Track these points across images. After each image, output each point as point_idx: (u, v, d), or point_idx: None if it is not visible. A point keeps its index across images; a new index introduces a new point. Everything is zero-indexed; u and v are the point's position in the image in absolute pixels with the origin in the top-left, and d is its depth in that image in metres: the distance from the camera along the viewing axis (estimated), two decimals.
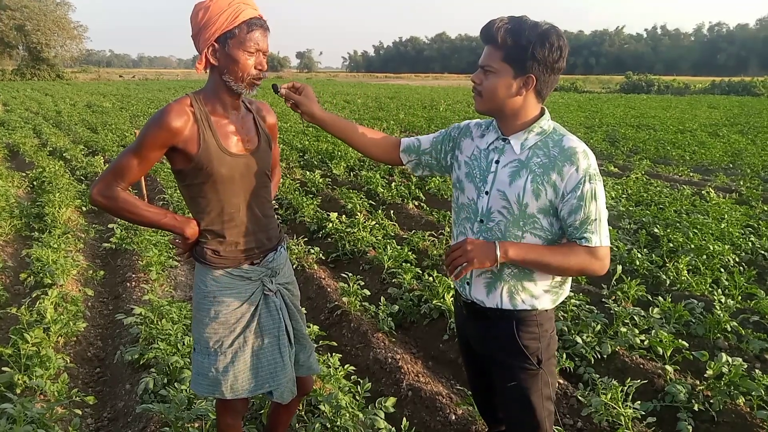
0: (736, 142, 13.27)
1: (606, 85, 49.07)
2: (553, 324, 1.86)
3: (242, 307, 1.95)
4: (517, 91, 1.67)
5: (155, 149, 1.79)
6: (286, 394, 2.04)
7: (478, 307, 1.83)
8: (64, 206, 6.55)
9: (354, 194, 7.12)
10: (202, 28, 1.76)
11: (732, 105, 26.84)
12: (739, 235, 5.67)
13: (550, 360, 1.84)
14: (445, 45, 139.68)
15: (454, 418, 2.91)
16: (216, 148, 1.82)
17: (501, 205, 1.73)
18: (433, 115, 19.38)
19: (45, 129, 13.83)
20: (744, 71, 75.44)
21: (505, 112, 1.73)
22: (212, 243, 1.92)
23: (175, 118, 1.76)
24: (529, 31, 1.60)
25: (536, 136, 1.72)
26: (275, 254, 2.05)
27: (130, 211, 1.83)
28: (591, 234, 1.65)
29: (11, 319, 3.97)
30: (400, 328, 4.11)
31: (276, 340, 2.01)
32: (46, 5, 54.74)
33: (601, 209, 1.66)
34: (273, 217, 2.08)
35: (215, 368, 1.94)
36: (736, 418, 2.84)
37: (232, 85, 1.82)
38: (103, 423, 3.07)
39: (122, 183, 1.81)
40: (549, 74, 1.66)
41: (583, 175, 1.63)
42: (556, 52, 1.62)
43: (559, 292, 1.81)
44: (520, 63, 1.62)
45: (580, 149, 1.66)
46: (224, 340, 1.94)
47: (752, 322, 3.87)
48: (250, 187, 1.92)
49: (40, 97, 27.21)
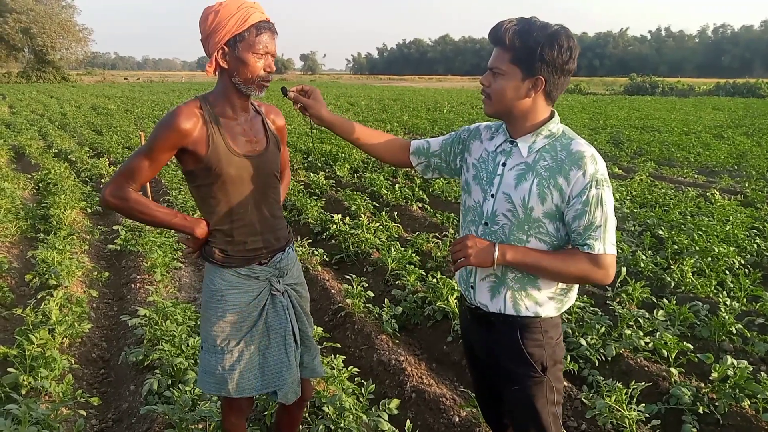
0: (740, 143, 13.23)
1: (610, 87, 49.02)
2: (559, 331, 1.82)
3: (249, 306, 1.97)
4: (525, 93, 1.64)
5: (165, 151, 1.82)
6: (290, 394, 2.04)
7: (482, 312, 1.81)
8: (70, 208, 6.58)
9: (358, 196, 7.14)
10: (211, 32, 1.78)
11: (737, 107, 26.76)
12: (744, 237, 5.65)
13: (556, 366, 1.80)
14: (448, 47, 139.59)
15: (458, 420, 2.91)
16: (224, 149, 1.85)
17: (506, 209, 1.70)
18: (436, 117, 19.40)
19: (50, 131, 13.90)
20: (749, 73, 75.34)
21: (514, 115, 1.70)
22: (221, 242, 1.95)
23: (184, 120, 1.79)
24: (537, 33, 1.57)
25: (544, 139, 1.69)
26: (283, 255, 2.06)
27: (141, 212, 1.86)
28: (594, 241, 1.61)
29: (17, 320, 3.98)
30: (404, 330, 4.11)
31: (282, 339, 2.02)
32: (52, 8, 55.16)
33: (607, 216, 1.61)
34: (282, 218, 2.09)
35: (222, 366, 1.96)
36: (741, 421, 2.82)
37: (242, 87, 1.84)
38: (108, 424, 3.07)
39: (133, 184, 1.84)
40: (558, 76, 1.62)
41: (589, 180, 1.59)
42: (566, 53, 1.58)
43: (564, 300, 1.77)
44: (529, 65, 1.60)
45: (588, 153, 1.62)
46: (231, 338, 1.96)
47: (757, 325, 3.86)
48: (258, 187, 1.94)
49: (45, 99, 27.35)
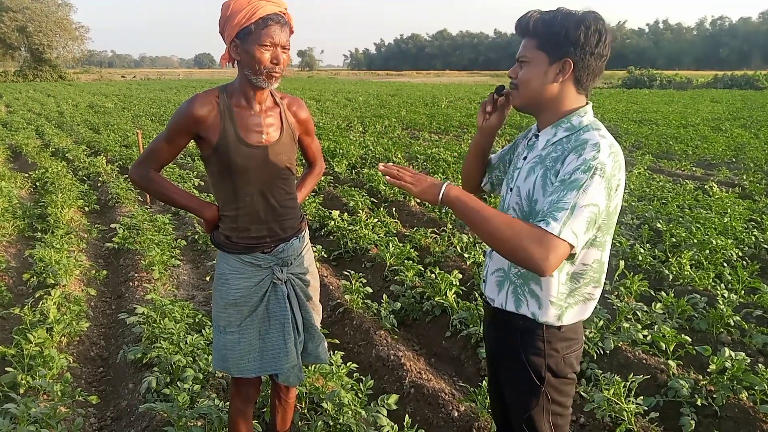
0: (738, 136, 13.23)
1: (608, 81, 48.84)
2: (570, 346, 1.67)
3: (251, 291, 2.05)
4: (553, 78, 1.54)
5: (181, 135, 1.96)
6: (292, 378, 2.15)
7: (492, 307, 1.78)
8: (67, 207, 6.58)
9: (356, 192, 7.13)
10: (224, 26, 1.88)
11: (735, 99, 26.74)
12: (742, 229, 5.66)
13: (559, 380, 1.67)
14: (446, 42, 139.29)
15: (456, 415, 2.91)
16: (234, 138, 1.93)
17: (515, 201, 1.66)
18: (434, 112, 19.39)
19: (47, 130, 13.88)
20: (747, 65, 75.24)
21: (541, 105, 1.60)
22: (227, 228, 2.05)
23: (199, 107, 1.90)
24: (562, 18, 1.51)
25: (564, 131, 1.57)
26: (286, 245, 2.10)
27: (161, 192, 2.03)
28: (552, 219, 1.41)
29: (14, 319, 3.98)
30: (403, 326, 4.11)
31: (281, 327, 2.10)
32: (48, 6, 54.86)
33: (580, 204, 1.42)
34: (293, 209, 2.13)
35: (224, 346, 2.08)
36: (739, 412, 2.83)
37: (252, 78, 1.91)
38: (107, 422, 3.08)
39: (155, 165, 2.00)
40: (588, 59, 1.51)
41: (581, 164, 1.45)
42: (594, 35, 1.49)
43: (563, 306, 1.62)
44: (555, 47, 1.51)
45: (593, 141, 1.49)
46: (232, 320, 2.06)
47: (755, 317, 3.86)
48: (265, 177, 2.00)
49: (42, 98, 27.28)
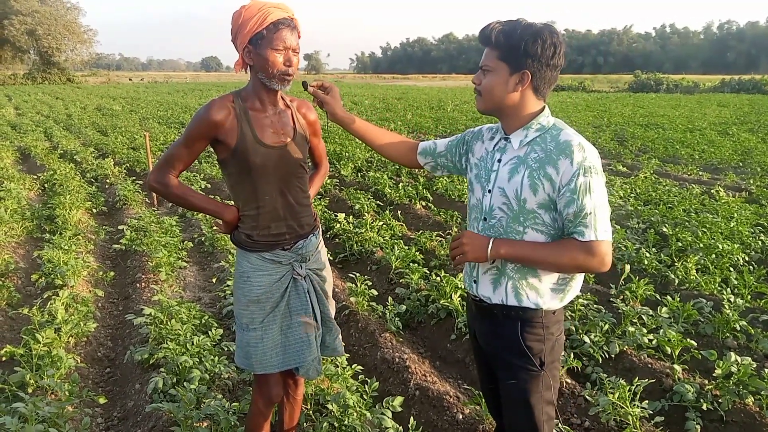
0: (746, 140, 13.16)
1: (614, 85, 48.78)
2: (561, 327, 1.85)
3: (272, 288, 2.10)
4: (513, 87, 1.71)
5: (200, 140, 1.99)
6: (311, 371, 2.19)
7: (486, 305, 1.86)
8: (75, 208, 6.62)
9: (361, 195, 7.15)
10: (237, 33, 1.94)
11: (742, 103, 26.62)
12: (748, 234, 5.64)
13: (553, 363, 1.83)
14: (452, 45, 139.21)
15: (461, 418, 2.92)
16: (252, 139, 1.98)
17: (501, 202, 1.77)
18: (440, 116, 19.37)
19: (56, 132, 13.97)
20: (754, 69, 74.78)
21: (504, 110, 1.77)
22: (248, 227, 2.09)
23: (216, 112, 1.95)
24: (521, 30, 1.66)
25: (535, 132, 1.75)
26: (305, 241, 2.16)
27: (180, 197, 2.05)
28: (584, 228, 1.64)
29: (23, 319, 4.02)
30: (408, 328, 4.12)
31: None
32: (57, 10, 55.28)
33: (596, 203, 1.63)
34: (308, 206, 2.19)
35: (247, 343, 2.12)
36: (745, 417, 2.82)
37: (265, 82, 1.97)
38: (113, 422, 3.10)
39: (173, 171, 2.03)
40: (545, 70, 1.69)
41: (577, 168, 1.63)
42: (550, 48, 1.66)
43: (565, 289, 1.79)
44: (515, 59, 1.68)
45: (575, 142, 1.66)
46: (255, 317, 2.11)
47: (761, 322, 3.84)
48: (283, 176, 2.06)
49: (50, 100, 27.48)
